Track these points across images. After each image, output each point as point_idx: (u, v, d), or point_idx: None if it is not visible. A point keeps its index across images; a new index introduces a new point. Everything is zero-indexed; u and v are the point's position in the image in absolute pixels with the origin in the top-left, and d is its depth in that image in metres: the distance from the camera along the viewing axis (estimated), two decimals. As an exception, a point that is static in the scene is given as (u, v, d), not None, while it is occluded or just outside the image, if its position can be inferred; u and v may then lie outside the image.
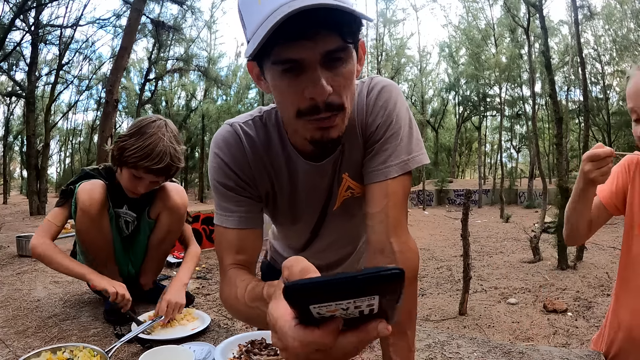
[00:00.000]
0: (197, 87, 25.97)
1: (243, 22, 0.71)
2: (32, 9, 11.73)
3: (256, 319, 0.75)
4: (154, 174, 1.43)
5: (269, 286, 0.65)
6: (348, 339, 0.41)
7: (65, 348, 1.11)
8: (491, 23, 23.93)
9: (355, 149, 0.88)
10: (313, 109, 0.69)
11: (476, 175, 32.77)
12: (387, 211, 0.83)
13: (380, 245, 0.83)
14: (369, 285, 0.36)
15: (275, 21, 0.59)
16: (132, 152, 1.39)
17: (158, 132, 1.40)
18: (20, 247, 2.84)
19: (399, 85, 0.91)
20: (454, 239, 10.54)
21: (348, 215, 0.99)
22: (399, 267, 0.37)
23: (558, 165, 7.93)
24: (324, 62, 0.66)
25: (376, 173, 0.85)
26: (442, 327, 4.62)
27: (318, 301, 0.37)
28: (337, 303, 0.38)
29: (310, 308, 0.38)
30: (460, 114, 29.97)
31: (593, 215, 1.14)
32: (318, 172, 0.89)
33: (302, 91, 0.68)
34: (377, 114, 0.85)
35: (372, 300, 0.38)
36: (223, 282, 0.85)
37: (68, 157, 34.19)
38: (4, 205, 16.65)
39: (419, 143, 0.87)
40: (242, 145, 0.86)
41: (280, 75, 0.68)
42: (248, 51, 0.65)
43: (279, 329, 0.45)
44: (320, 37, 0.64)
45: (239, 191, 0.86)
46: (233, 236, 0.86)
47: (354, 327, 0.41)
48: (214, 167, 0.86)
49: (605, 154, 0.96)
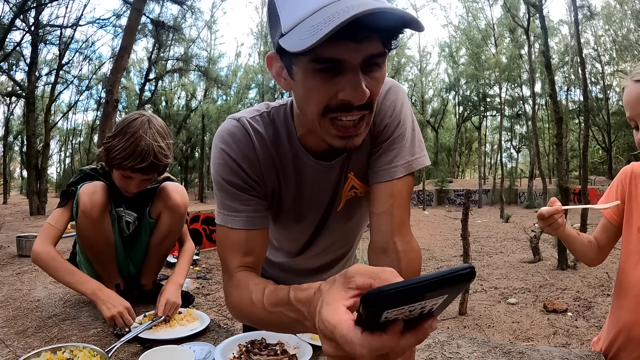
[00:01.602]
0: (197, 87, 26.02)
1: (276, 10, 0.66)
2: (32, 9, 11.74)
3: (277, 324, 0.70)
4: (140, 172, 1.41)
5: (297, 290, 0.62)
6: (408, 339, 0.41)
7: (65, 348, 1.11)
8: (491, 23, 23.96)
9: (363, 149, 0.87)
10: (344, 106, 0.67)
11: (476, 175, 32.79)
12: (392, 211, 0.83)
13: (384, 245, 0.83)
14: (447, 285, 0.37)
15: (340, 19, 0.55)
16: (116, 153, 1.38)
17: (139, 130, 1.38)
18: (20, 247, 2.84)
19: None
20: (454, 239, 10.54)
21: (348, 216, 0.98)
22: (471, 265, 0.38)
23: (558, 165, 7.93)
24: (364, 66, 0.64)
25: (382, 173, 0.84)
26: (442, 327, 4.62)
27: (395, 306, 0.37)
28: (410, 306, 0.38)
29: (383, 313, 0.38)
30: (460, 114, 30.00)
31: (601, 238, 1.22)
32: (327, 171, 0.88)
33: (335, 92, 0.65)
34: (385, 113, 0.85)
35: (440, 299, 0.39)
36: (230, 286, 0.80)
37: (68, 157, 34.24)
38: (4, 205, 16.66)
39: (421, 144, 0.88)
40: (251, 142, 0.82)
41: (315, 73, 0.64)
42: (294, 46, 0.60)
43: (340, 337, 0.42)
44: (366, 40, 0.61)
45: (246, 189, 0.82)
46: (240, 237, 0.81)
47: (411, 327, 0.41)
48: (220, 163, 0.82)
49: (549, 213, 1.10)
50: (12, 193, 26.53)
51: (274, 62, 0.72)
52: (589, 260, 1.24)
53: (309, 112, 0.70)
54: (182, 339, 1.29)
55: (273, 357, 1.09)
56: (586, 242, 1.22)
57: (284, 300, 0.64)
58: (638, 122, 1.00)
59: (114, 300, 1.36)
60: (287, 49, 0.61)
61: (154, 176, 1.49)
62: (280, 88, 0.77)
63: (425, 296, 0.37)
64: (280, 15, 0.65)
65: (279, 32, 0.65)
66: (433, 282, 0.36)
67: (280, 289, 0.68)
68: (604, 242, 1.22)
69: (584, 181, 7.92)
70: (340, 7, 0.57)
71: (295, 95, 0.73)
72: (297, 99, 0.74)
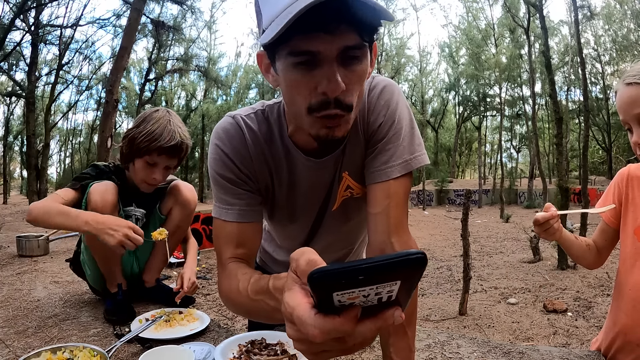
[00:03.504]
0: (197, 87, 26.03)
1: (259, 9, 0.70)
2: (32, 9, 11.74)
3: (259, 312, 0.74)
4: (166, 154, 1.45)
5: (275, 279, 0.65)
6: (366, 326, 0.41)
7: (65, 348, 1.11)
8: (491, 23, 23.95)
9: (357, 148, 0.88)
10: (323, 104, 0.68)
11: (476, 175, 32.80)
12: (388, 211, 0.83)
13: (382, 245, 0.83)
14: (395, 269, 0.37)
15: (298, 9, 0.57)
16: (142, 137, 1.42)
17: (163, 117, 1.47)
18: (20, 247, 2.84)
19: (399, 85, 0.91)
20: (454, 239, 10.54)
21: (345, 217, 0.98)
22: (421, 251, 0.37)
23: (558, 165, 7.93)
24: (340, 59, 0.65)
25: (378, 173, 0.85)
26: (442, 327, 4.62)
27: (343, 287, 0.37)
28: (361, 289, 0.38)
29: (333, 295, 0.38)
30: (460, 114, 30.00)
31: (600, 241, 1.22)
32: (319, 168, 0.89)
33: (314, 86, 0.66)
34: (379, 113, 0.85)
35: (393, 286, 0.39)
36: (222, 276, 0.84)
37: (68, 157, 34.21)
38: (4, 205, 16.65)
39: (420, 143, 0.87)
40: (244, 138, 0.85)
41: (294, 68, 0.66)
42: (264, 39, 0.63)
43: (297, 319, 0.43)
44: (339, 32, 0.63)
45: (239, 184, 0.85)
46: (232, 229, 0.85)
47: (371, 315, 0.41)
48: (215, 158, 0.85)
49: (544, 218, 1.10)
50: (12, 193, 26.54)
51: (263, 60, 0.75)
52: (588, 264, 1.24)
53: (296, 109, 0.71)
54: (182, 339, 1.29)
55: (273, 357, 1.09)
56: (584, 246, 1.22)
57: (264, 288, 0.67)
58: (632, 125, 1.00)
59: (114, 223, 1.29)
60: (260, 43, 0.65)
61: (175, 162, 1.52)
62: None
63: (375, 280, 0.37)
64: (263, 13, 0.68)
65: (262, 28, 0.67)
66: (378, 264, 0.36)
67: (262, 278, 0.71)
68: (603, 245, 1.22)
69: (584, 181, 7.92)
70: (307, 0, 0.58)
71: (282, 91, 0.75)
72: (283, 95, 0.76)
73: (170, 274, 5.06)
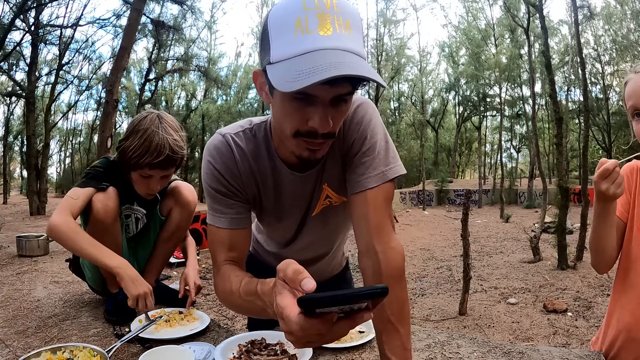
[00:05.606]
0: (197, 87, 25.98)
1: (268, 39, 0.75)
2: (32, 9, 11.73)
3: (251, 310, 0.86)
4: (158, 168, 1.42)
5: (262, 284, 0.76)
6: (340, 325, 0.54)
7: (65, 348, 1.11)
8: (491, 23, 23.93)
9: (335, 163, 0.98)
10: (311, 134, 0.79)
11: (476, 175, 32.79)
12: (367, 216, 0.91)
13: (366, 247, 0.92)
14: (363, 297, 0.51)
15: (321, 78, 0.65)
16: (131, 152, 1.39)
17: (151, 126, 1.39)
18: (20, 247, 2.84)
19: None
20: (454, 239, 10.54)
21: (324, 222, 1.10)
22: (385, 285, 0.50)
23: (558, 165, 7.92)
24: (332, 101, 0.75)
25: (357, 184, 0.93)
26: (442, 327, 4.62)
27: (323, 306, 0.51)
28: (338, 307, 0.51)
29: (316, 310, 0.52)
30: (460, 114, 29.95)
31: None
32: (301, 181, 0.99)
33: (306, 119, 0.77)
34: (353, 129, 0.94)
35: (363, 303, 0.52)
36: (217, 277, 0.95)
37: (68, 157, 34.15)
38: (4, 205, 16.65)
39: (395, 156, 0.97)
40: (232, 155, 0.95)
41: (290, 100, 0.75)
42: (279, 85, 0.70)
43: (285, 317, 0.57)
44: (338, 85, 0.73)
45: (229, 195, 0.96)
46: (225, 235, 0.96)
47: (346, 317, 0.54)
48: (207, 173, 0.96)
49: (613, 165, 0.97)
50: (12, 193, 26.53)
51: (259, 78, 0.82)
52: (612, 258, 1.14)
53: (283, 130, 0.82)
54: (182, 339, 1.29)
55: (273, 357, 1.09)
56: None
57: (253, 291, 0.78)
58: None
59: (141, 280, 1.34)
60: (275, 86, 0.71)
61: (172, 171, 1.50)
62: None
63: (348, 302, 0.50)
64: (271, 44, 0.74)
65: (268, 58, 0.74)
66: (350, 295, 0.50)
67: (252, 281, 0.82)
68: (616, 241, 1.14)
69: (584, 181, 7.92)
70: (325, 61, 0.67)
71: (273, 110, 0.85)
72: (274, 115, 0.87)
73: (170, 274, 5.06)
